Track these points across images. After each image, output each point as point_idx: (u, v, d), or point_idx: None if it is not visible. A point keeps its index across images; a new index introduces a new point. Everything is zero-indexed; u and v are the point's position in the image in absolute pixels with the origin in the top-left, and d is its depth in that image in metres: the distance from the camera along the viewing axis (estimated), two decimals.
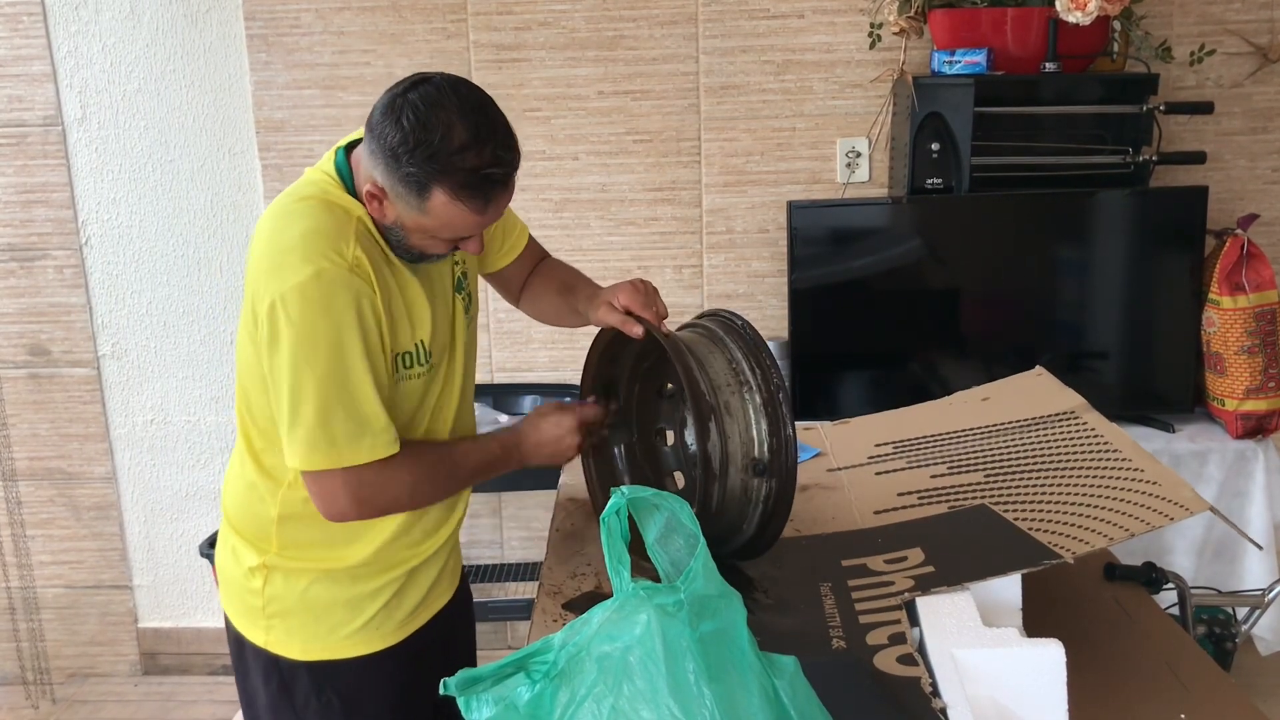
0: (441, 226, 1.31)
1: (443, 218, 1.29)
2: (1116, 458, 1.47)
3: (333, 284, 1.28)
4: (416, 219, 1.30)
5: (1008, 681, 1.10)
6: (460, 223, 1.30)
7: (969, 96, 2.43)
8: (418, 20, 2.74)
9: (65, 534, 3.06)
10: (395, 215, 1.31)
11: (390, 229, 1.34)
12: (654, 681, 0.85)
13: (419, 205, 1.28)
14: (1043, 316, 2.62)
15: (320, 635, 1.47)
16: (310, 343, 1.28)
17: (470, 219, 1.30)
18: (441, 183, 1.25)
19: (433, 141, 1.23)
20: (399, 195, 1.28)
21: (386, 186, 1.29)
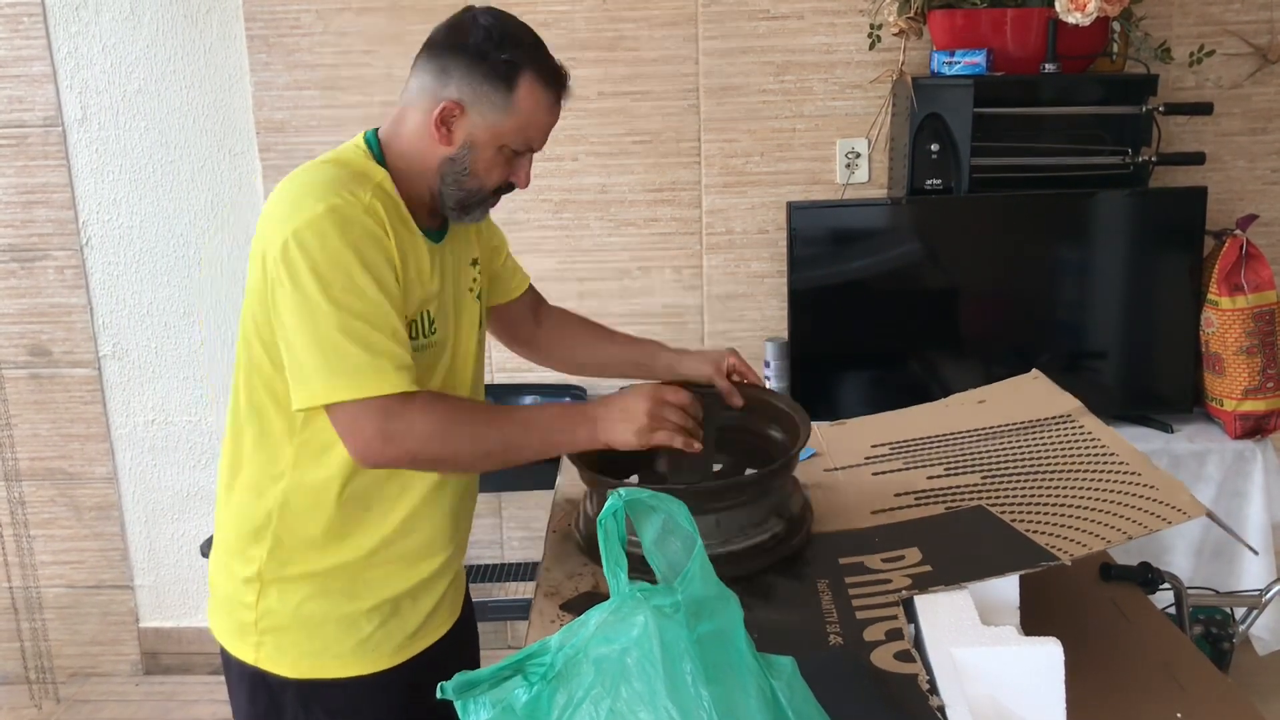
0: (517, 125, 1.36)
1: (526, 109, 1.35)
2: (1113, 461, 1.47)
3: (347, 218, 1.28)
4: (496, 120, 1.35)
5: (1006, 680, 1.11)
6: (537, 117, 1.37)
7: (968, 97, 2.43)
8: (418, 21, 2.74)
9: (67, 534, 3.07)
10: (467, 131, 1.36)
11: (452, 169, 1.37)
12: (651, 683, 0.85)
13: (505, 98, 1.35)
14: (1042, 317, 2.63)
15: (312, 653, 1.43)
16: (326, 273, 1.27)
17: (546, 112, 1.38)
18: (530, 69, 1.35)
19: (519, 35, 1.36)
20: (482, 95, 1.34)
21: (466, 91, 1.34)
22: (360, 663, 1.44)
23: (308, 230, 1.27)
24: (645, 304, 2.87)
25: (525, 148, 1.40)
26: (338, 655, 1.43)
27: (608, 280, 2.86)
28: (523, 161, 1.42)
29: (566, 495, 1.83)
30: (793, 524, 1.49)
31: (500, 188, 1.43)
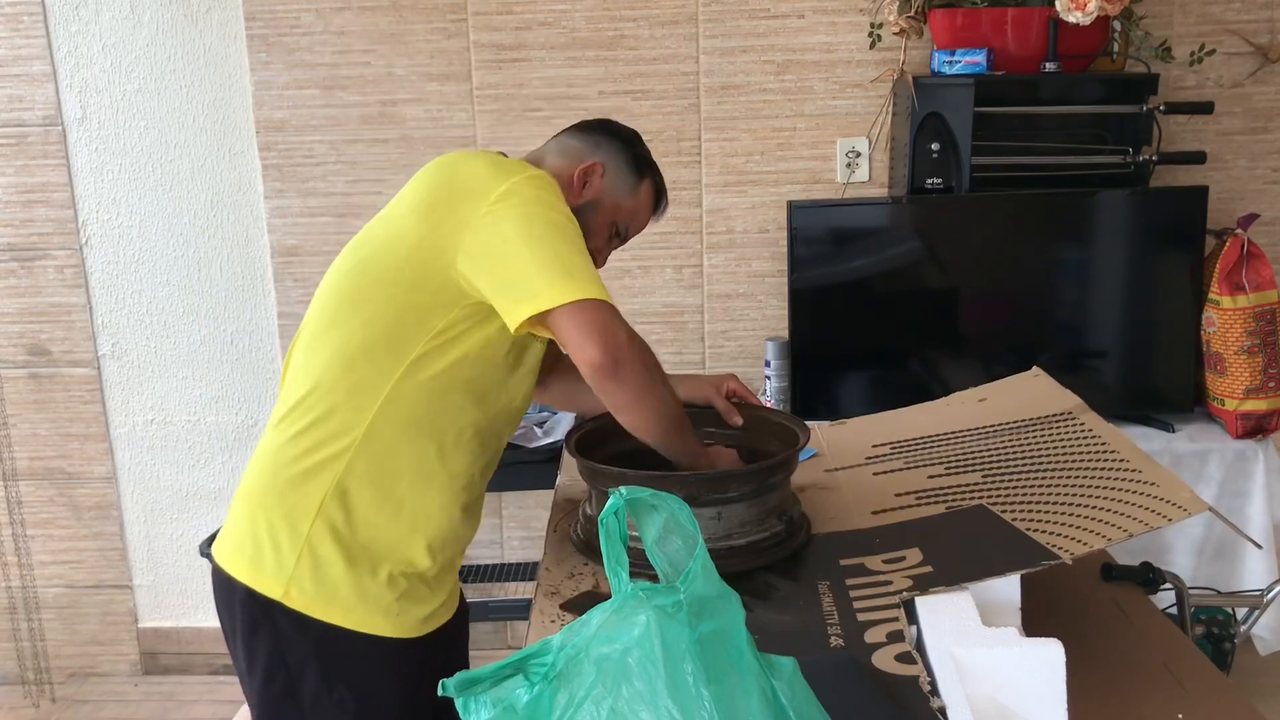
0: (631, 210, 1.59)
1: (639, 203, 1.60)
2: (1114, 459, 1.47)
3: (550, 185, 1.44)
4: (618, 198, 1.57)
5: (1007, 681, 1.11)
6: (637, 213, 1.61)
7: (969, 96, 2.43)
8: (418, 20, 2.74)
9: (65, 534, 3.07)
10: (597, 190, 1.56)
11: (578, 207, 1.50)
12: (653, 683, 0.85)
13: (632, 185, 1.59)
14: (1043, 316, 2.62)
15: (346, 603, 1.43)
16: (549, 208, 1.39)
17: (644, 213, 1.63)
18: (655, 176, 1.62)
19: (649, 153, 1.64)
20: (619, 172, 1.57)
21: (610, 163, 1.57)
22: (389, 625, 1.46)
23: (527, 183, 1.40)
24: (645, 303, 2.86)
25: (624, 233, 1.61)
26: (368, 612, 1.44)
27: (608, 279, 2.83)
28: (611, 246, 1.62)
29: (566, 495, 1.83)
30: (792, 527, 1.49)
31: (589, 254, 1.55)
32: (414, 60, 2.76)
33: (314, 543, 1.42)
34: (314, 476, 1.43)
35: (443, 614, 1.54)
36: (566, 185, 1.52)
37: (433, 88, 2.77)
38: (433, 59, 2.76)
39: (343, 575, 1.42)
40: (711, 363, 2.89)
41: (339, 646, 1.45)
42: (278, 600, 1.43)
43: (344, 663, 1.46)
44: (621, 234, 1.61)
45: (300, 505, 1.43)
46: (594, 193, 1.56)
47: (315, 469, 1.43)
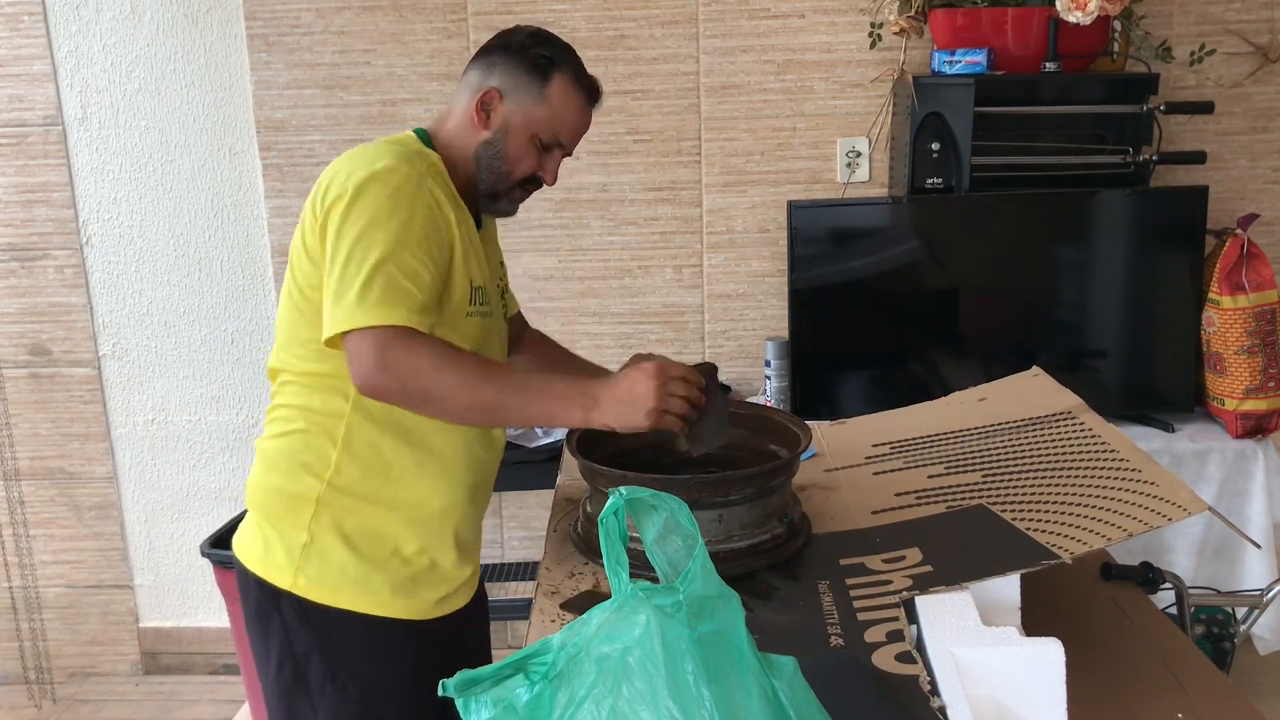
0: (546, 117, 1.49)
1: (557, 102, 1.49)
2: (1114, 458, 1.47)
3: (408, 179, 1.39)
4: (529, 107, 1.48)
5: (1007, 680, 1.11)
6: (565, 113, 1.50)
7: (969, 96, 2.43)
8: (418, 20, 2.74)
9: (66, 534, 3.07)
10: (504, 116, 1.48)
11: (488, 151, 1.49)
12: (653, 683, 0.85)
13: (539, 91, 1.48)
14: (1043, 316, 2.62)
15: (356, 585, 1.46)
16: (374, 218, 1.35)
17: (574, 111, 1.51)
18: (564, 69, 1.49)
19: (558, 41, 1.52)
20: (520, 84, 1.48)
21: (507, 80, 1.48)
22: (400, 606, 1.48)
23: (372, 180, 1.37)
24: (645, 303, 2.87)
25: (554, 142, 1.51)
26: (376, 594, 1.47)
27: (608, 279, 2.86)
28: (552, 158, 1.53)
29: (567, 495, 1.83)
30: (793, 530, 1.49)
31: (528, 181, 1.53)
32: (414, 60, 2.76)
33: (316, 533, 1.46)
34: (307, 474, 1.47)
35: (458, 598, 1.56)
36: (471, 125, 1.50)
37: (433, 87, 2.77)
38: (433, 59, 2.76)
39: (348, 561, 1.46)
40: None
41: (343, 633, 1.47)
42: (285, 589, 1.47)
43: (347, 650, 1.48)
44: (554, 144, 1.52)
45: (300, 499, 1.47)
46: (499, 119, 1.49)
47: (307, 467, 1.47)
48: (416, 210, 1.38)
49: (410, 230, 1.36)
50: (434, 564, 1.51)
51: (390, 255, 1.34)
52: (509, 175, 1.51)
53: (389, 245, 1.34)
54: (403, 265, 1.35)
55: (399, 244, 1.35)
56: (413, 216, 1.37)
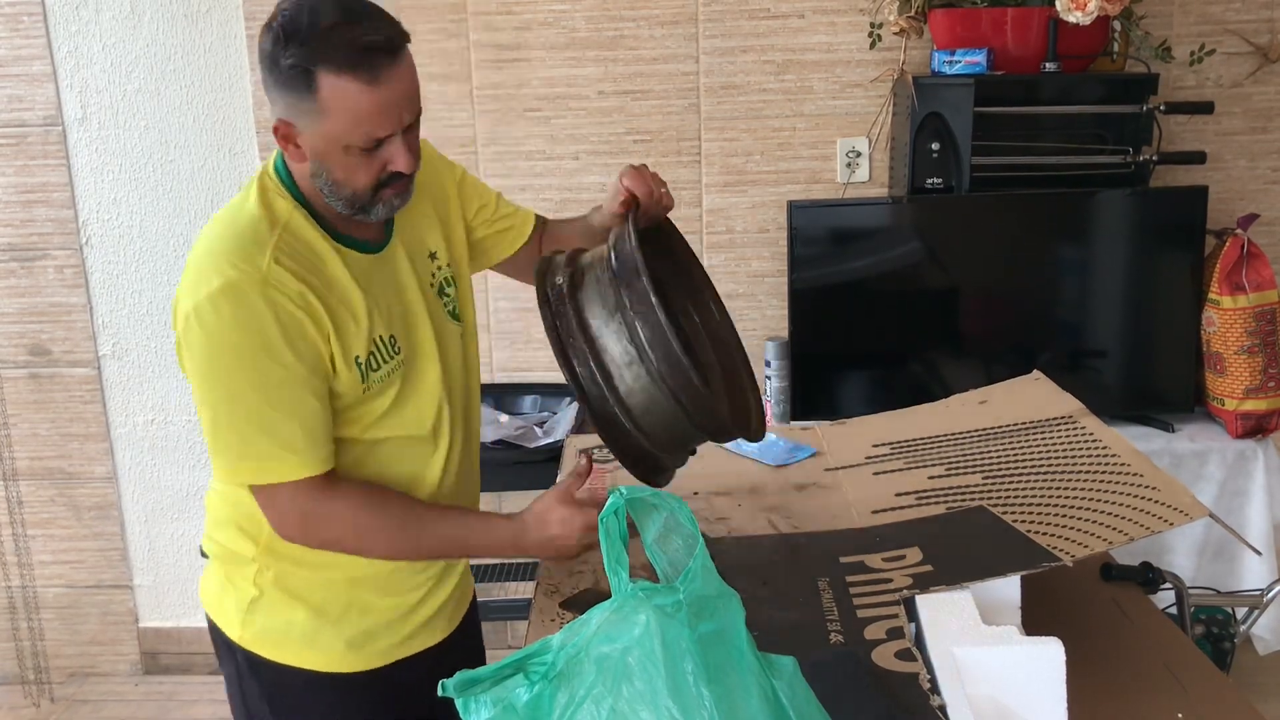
0: (345, 125, 1.21)
1: (339, 107, 1.20)
2: (1115, 462, 1.47)
3: (242, 295, 1.22)
4: (320, 129, 1.22)
5: (1007, 680, 1.11)
6: (359, 109, 1.20)
7: (969, 96, 2.43)
8: (418, 20, 2.74)
9: (66, 534, 3.06)
10: (309, 147, 1.25)
11: (319, 182, 1.28)
12: (653, 682, 0.85)
13: (313, 106, 1.20)
14: (1043, 316, 2.62)
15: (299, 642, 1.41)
16: (225, 354, 1.23)
17: (366, 99, 1.20)
18: (323, 63, 1.18)
19: (302, 27, 1.18)
20: (293, 108, 1.22)
21: (283, 108, 1.23)
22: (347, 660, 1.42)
23: (206, 307, 1.22)
24: None
25: (370, 141, 1.23)
26: (325, 650, 1.41)
27: None
28: (393, 148, 1.26)
29: None
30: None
31: (387, 179, 1.28)
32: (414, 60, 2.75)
33: (264, 588, 1.40)
34: (243, 536, 1.40)
35: (428, 634, 1.48)
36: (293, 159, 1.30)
37: (433, 88, 2.77)
38: (433, 59, 2.76)
39: (296, 618, 1.40)
40: None
41: (290, 687, 1.42)
42: (234, 640, 1.43)
43: (296, 704, 1.43)
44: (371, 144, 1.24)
45: (241, 558, 1.41)
46: (307, 147, 1.26)
47: (242, 530, 1.40)
48: (265, 327, 1.22)
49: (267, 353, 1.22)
50: (398, 605, 1.43)
51: (258, 393, 1.23)
52: (358, 191, 1.28)
53: (251, 380, 1.23)
54: (276, 399, 1.24)
55: (261, 375, 1.23)
56: (264, 337, 1.22)
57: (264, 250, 1.25)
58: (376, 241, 1.38)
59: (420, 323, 1.40)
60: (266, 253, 1.25)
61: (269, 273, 1.23)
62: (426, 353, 1.40)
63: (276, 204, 1.31)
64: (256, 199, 1.30)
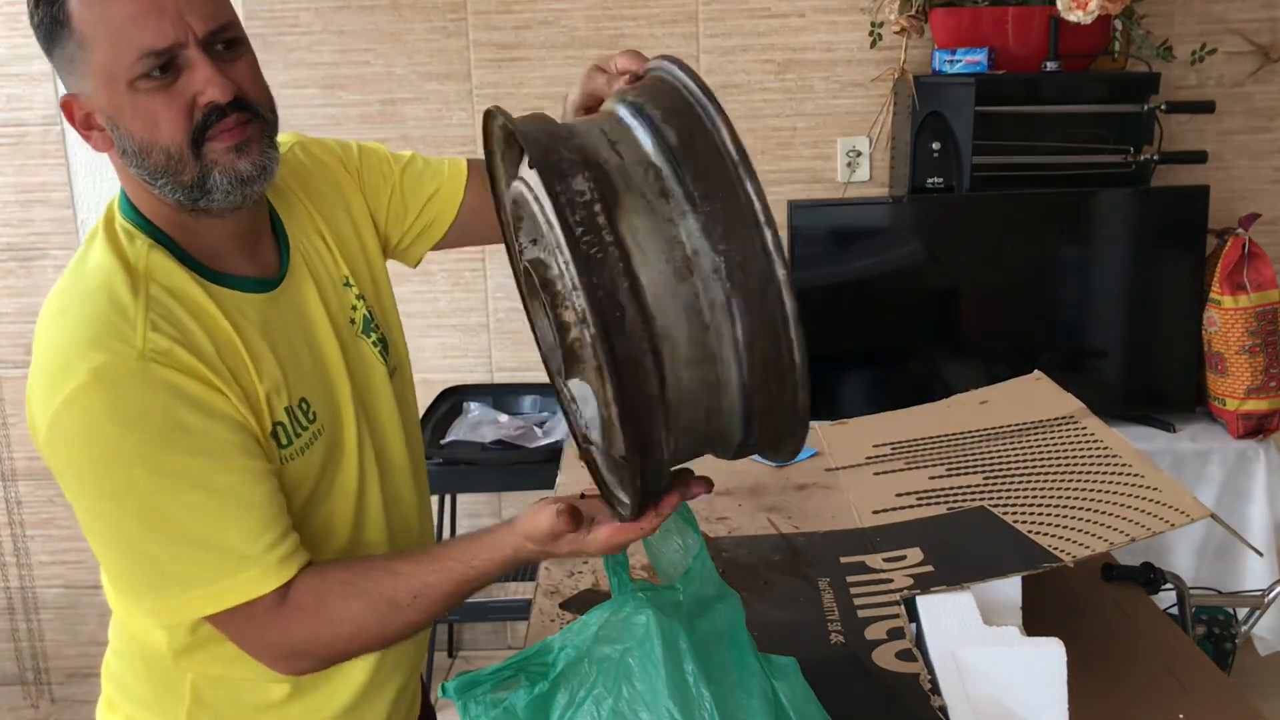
0: (108, 49, 0.95)
1: (94, 24, 0.96)
2: (1116, 463, 1.47)
3: (118, 380, 0.93)
4: (90, 69, 0.98)
5: (1008, 680, 1.10)
6: (114, 15, 0.95)
7: (970, 96, 2.42)
8: (418, 19, 2.73)
9: (65, 534, 3.06)
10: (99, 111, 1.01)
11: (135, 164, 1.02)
12: (653, 683, 0.84)
13: (74, 40, 0.97)
14: (1044, 316, 2.62)
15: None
16: (105, 467, 0.94)
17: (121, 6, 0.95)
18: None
19: None
20: (65, 67, 1.00)
21: (62, 74, 1.01)
22: None
23: (74, 414, 0.94)
24: None
25: (149, 59, 0.95)
26: None
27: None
28: (191, 74, 0.96)
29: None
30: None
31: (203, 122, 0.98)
32: (414, 60, 2.75)
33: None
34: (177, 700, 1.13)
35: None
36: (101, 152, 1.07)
37: (433, 87, 2.77)
38: (432, 58, 2.75)
39: None
40: None
41: None
42: None
43: None
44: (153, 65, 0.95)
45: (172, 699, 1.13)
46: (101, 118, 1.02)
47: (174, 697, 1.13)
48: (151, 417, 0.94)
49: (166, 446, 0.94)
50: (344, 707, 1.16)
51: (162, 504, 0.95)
52: (170, 151, 0.98)
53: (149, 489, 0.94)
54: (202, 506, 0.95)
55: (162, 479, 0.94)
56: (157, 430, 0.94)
57: (131, 319, 0.96)
58: (267, 275, 1.08)
59: (336, 377, 1.12)
60: (137, 322, 0.96)
61: (146, 347, 0.95)
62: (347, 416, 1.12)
63: (128, 249, 1.01)
64: (102, 249, 1.01)
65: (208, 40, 0.97)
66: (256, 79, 1.05)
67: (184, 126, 0.97)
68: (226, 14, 1.00)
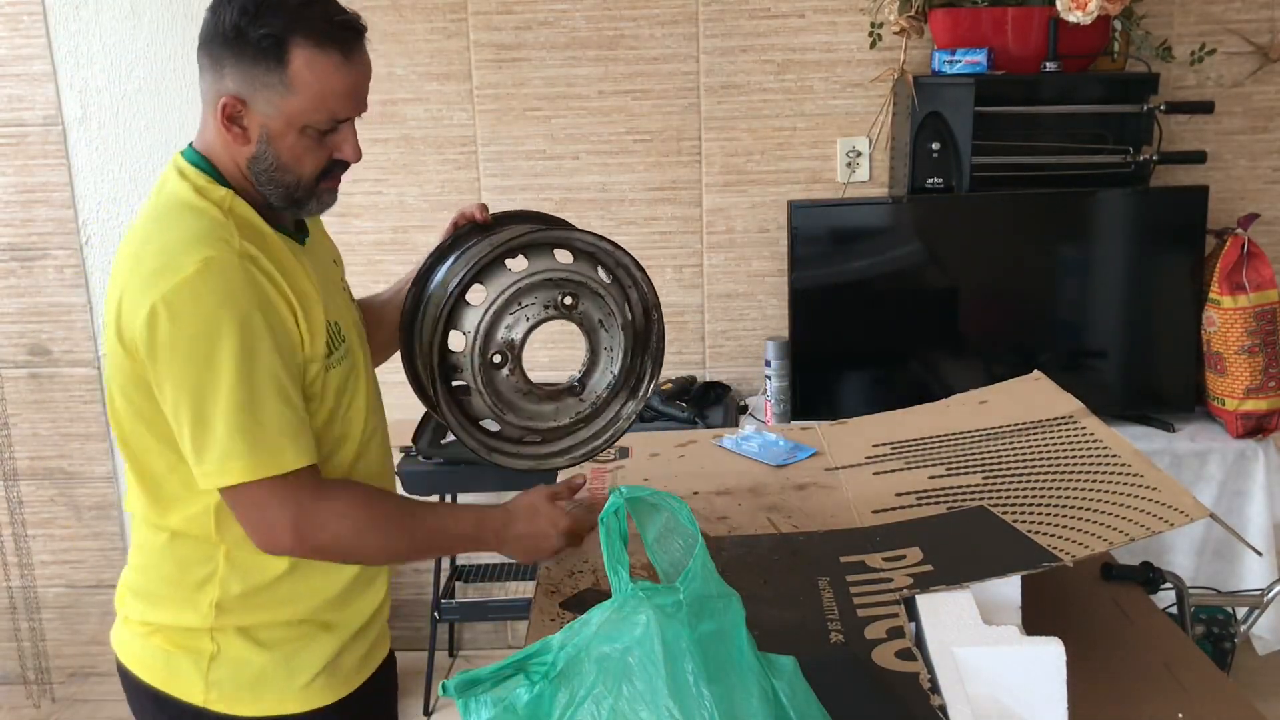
0: (311, 101, 1.20)
1: (309, 82, 1.19)
2: (1116, 463, 1.47)
3: (226, 272, 1.16)
4: (283, 103, 1.20)
5: (1007, 679, 1.11)
6: (328, 84, 1.20)
7: (969, 96, 2.43)
8: (418, 20, 2.74)
9: (66, 533, 3.06)
10: (260, 124, 1.22)
11: (260, 167, 1.24)
12: (653, 682, 0.85)
13: (281, 78, 1.19)
14: (1043, 316, 2.62)
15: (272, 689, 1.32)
16: (208, 339, 1.15)
17: (338, 75, 1.20)
18: (298, 34, 1.18)
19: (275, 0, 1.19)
20: (258, 81, 1.19)
21: (241, 80, 1.20)
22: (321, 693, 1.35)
23: (182, 294, 1.15)
24: None
25: (330, 122, 1.23)
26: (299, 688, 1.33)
27: None
28: (343, 135, 1.26)
29: None
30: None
31: (329, 168, 1.28)
32: (414, 60, 2.76)
33: (222, 644, 1.30)
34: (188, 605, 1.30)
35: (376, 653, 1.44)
36: (229, 142, 1.24)
37: (433, 87, 2.77)
38: (433, 59, 2.76)
39: (264, 666, 1.31)
40: (711, 362, 2.89)
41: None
42: (199, 705, 1.31)
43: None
44: (330, 125, 1.24)
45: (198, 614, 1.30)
46: (255, 129, 1.22)
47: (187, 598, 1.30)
48: (248, 307, 1.17)
49: (253, 335, 1.17)
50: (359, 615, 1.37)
51: (250, 378, 1.16)
52: (300, 180, 1.26)
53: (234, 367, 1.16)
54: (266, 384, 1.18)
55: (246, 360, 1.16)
56: (248, 319, 1.16)
57: (229, 230, 1.20)
58: (296, 235, 1.35)
59: (349, 314, 1.39)
60: (233, 232, 1.20)
61: (244, 249, 1.19)
62: (358, 345, 1.38)
63: (212, 192, 1.24)
64: (191, 190, 1.24)
65: None
66: None
67: (319, 169, 1.27)
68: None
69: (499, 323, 1.41)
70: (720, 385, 2.81)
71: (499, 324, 1.41)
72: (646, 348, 1.53)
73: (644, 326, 1.52)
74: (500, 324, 1.41)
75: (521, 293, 1.41)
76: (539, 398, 1.48)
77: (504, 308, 1.40)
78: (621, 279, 1.49)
